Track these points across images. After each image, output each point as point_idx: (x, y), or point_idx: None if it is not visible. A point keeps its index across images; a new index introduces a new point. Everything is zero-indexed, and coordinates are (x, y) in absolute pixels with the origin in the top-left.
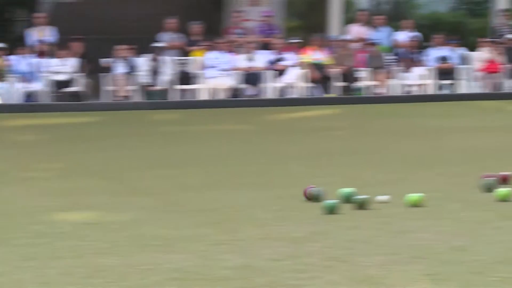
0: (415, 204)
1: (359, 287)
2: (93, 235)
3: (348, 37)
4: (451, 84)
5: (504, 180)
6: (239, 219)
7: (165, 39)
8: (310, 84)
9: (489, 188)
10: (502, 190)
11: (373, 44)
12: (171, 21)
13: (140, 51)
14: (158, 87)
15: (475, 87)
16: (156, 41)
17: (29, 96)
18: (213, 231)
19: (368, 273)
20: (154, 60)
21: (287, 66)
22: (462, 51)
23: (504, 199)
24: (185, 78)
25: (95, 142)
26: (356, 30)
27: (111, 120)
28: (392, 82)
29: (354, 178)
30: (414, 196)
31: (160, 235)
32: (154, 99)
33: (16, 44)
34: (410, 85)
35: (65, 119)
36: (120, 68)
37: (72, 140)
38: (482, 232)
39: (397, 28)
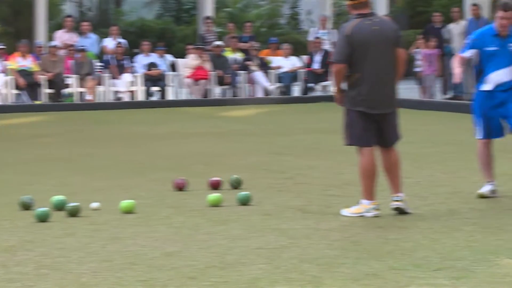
0: (128, 211)
1: None
2: None
3: (55, 43)
4: (160, 90)
5: (214, 186)
6: None
7: None
8: (17, 91)
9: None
10: (213, 196)
11: (81, 50)
12: None
13: None
14: None
15: (183, 94)
16: None
17: None
18: None
19: (82, 281)
20: None
21: None
22: (170, 58)
23: (215, 205)
24: None
25: None
26: (63, 36)
27: None
28: (101, 88)
29: (66, 185)
30: (126, 202)
31: None
32: None
33: None
34: (119, 92)
35: None
36: None
37: None
38: (194, 238)
39: (104, 35)
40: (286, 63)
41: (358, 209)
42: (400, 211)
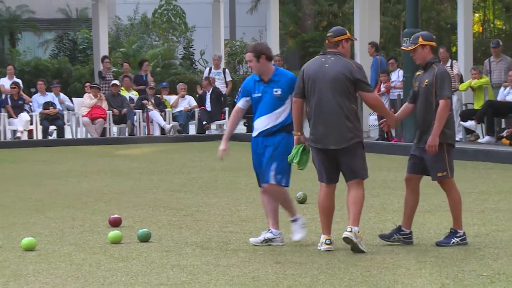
0: (29, 248)
1: None
2: None
3: None
4: (57, 129)
5: (115, 223)
6: None
7: None
8: None
9: None
10: (113, 233)
11: None
12: None
13: None
14: None
15: (80, 133)
16: None
17: None
18: None
19: None
20: None
21: None
22: (66, 97)
23: (115, 242)
24: None
25: None
26: None
27: None
28: None
29: None
30: (27, 240)
31: None
32: None
33: None
34: (17, 131)
35: None
36: None
37: None
38: (96, 274)
39: (1, 75)
40: (182, 102)
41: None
42: (348, 242)
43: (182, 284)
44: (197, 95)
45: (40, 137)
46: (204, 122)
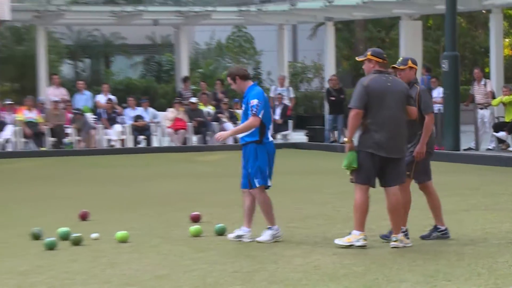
0: (123, 240)
1: None
2: None
3: (56, 99)
4: (145, 139)
5: (195, 219)
6: None
7: None
8: (25, 139)
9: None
10: (194, 227)
11: (77, 114)
12: None
13: None
14: None
15: (165, 142)
16: None
17: None
18: None
19: None
20: None
21: (4, 124)
22: (153, 111)
23: (196, 235)
24: None
25: None
26: (54, 92)
27: None
28: (96, 137)
29: (69, 219)
30: (121, 233)
31: None
32: None
33: None
34: (112, 140)
35: None
36: None
37: None
38: (180, 263)
39: (97, 92)
40: None
41: (349, 239)
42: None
43: (253, 272)
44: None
45: (131, 145)
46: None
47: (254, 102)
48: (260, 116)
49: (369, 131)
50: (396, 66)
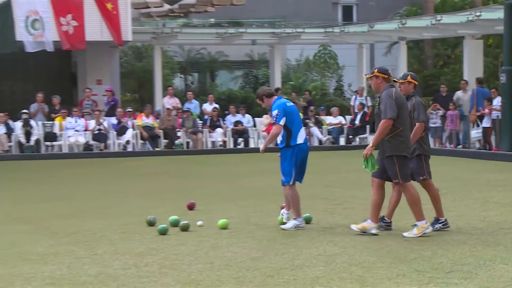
0: (223, 227)
1: None
2: None
3: (169, 106)
4: (244, 141)
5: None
6: (95, 240)
7: (35, 108)
8: (142, 141)
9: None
10: (221, 221)
11: (187, 112)
12: (39, 95)
13: (15, 117)
14: (30, 144)
15: (261, 143)
16: (27, 110)
17: None
18: (76, 248)
19: (191, 278)
20: (26, 123)
21: (126, 128)
22: (250, 117)
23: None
24: (50, 136)
25: None
26: (169, 101)
27: None
28: (203, 139)
29: (179, 209)
30: (222, 221)
31: (38, 252)
32: (28, 153)
33: None
34: (216, 142)
35: None
36: (0, 130)
37: None
38: (272, 247)
39: (203, 101)
40: (334, 121)
41: (418, 230)
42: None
43: (334, 255)
44: (347, 116)
45: (231, 146)
46: (350, 136)
47: (275, 112)
48: (281, 123)
49: (400, 137)
50: (396, 80)
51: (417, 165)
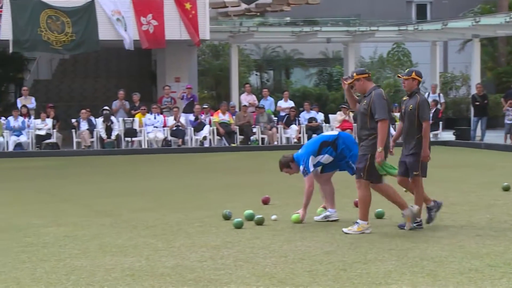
0: (297, 221)
1: (259, 280)
2: (69, 244)
3: (245, 103)
4: None
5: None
6: (172, 232)
7: (116, 105)
8: (219, 137)
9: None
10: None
11: (261, 108)
12: (120, 92)
13: (97, 114)
14: (111, 139)
15: None
16: (109, 107)
17: (18, 146)
18: (155, 240)
19: (266, 271)
20: (108, 119)
21: (203, 124)
22: (324, 114)
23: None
24: (130, 132)
25: (68, 178)
26: (246, 98)
27: (79, 163)
28: (277, 135)
29: (254, 203)
30: (296, 215)
31: (118, 244)
32: (108, 148)
33: (9, 109)
34: (290, 138)
35: (45, 163)
36: (83, 126)
37: (51, 177)
38: (344, 241)
39: (278, 98)
40: None
41: (359, 228)
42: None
43: (406, 249)
44: None
45: (306, 141)
46: None
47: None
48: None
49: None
50: (400, 76)
51: (413, 161)
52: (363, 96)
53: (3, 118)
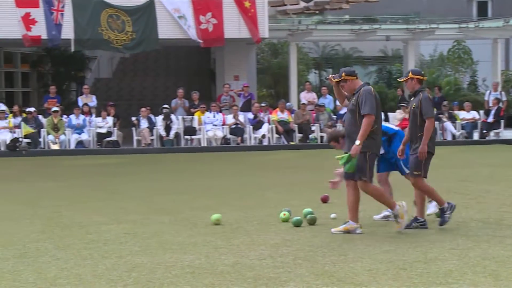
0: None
1: (318, 279)
2: (129, 241)
3: (304, 101)
4: None
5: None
6: (232, 230)
7: (175, 103)
8: (278, 135)
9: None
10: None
11: (321, 107)
12: (179, 91)
13: (157, 112)
14: (170, 137)
15: None
16: (168, 105)
17: (80, 143)
18: (214, 238)
19: (325, 269)
20: (167, 118)
21: (261, 122)
22: (383, 112)
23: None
24: (190, 130)
25: (128, 176)
26: (306, 96)
27: (139, 160)
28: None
29: (312, 201)
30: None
31: (177, 242)
32: (168, 146)
33: (71, 107)
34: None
35: (106, 160)
36: (143, 124)
37: (112, 175)
38: (404, 240)
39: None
40: (468, 116)
41: (346, 228)
42: None
43: (467, 249)
44: (480, 111)
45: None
46: (484, 131)
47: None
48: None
49: (374, 134)
50: (400, 80)
51: (415, 160)
52: (351, 94)
53: (64, 116)
